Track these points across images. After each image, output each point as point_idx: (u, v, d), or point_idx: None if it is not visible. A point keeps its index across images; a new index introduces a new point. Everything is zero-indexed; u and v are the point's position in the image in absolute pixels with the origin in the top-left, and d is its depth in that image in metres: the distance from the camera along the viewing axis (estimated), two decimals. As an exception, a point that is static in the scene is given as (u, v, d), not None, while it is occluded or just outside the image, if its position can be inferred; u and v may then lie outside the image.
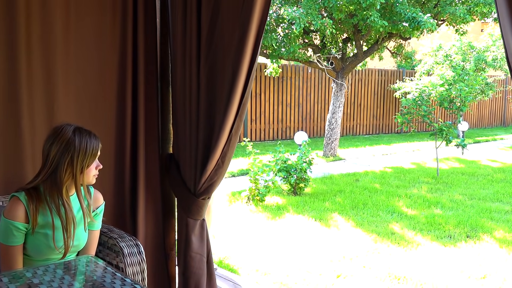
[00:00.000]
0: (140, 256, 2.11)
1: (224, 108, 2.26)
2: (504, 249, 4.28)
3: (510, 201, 6.17)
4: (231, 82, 2.27)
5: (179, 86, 2.50)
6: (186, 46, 2.43)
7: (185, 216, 2.53)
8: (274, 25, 8.73)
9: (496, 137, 14.08)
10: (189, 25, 2.39)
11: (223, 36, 2.30)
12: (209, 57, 2.36)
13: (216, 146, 2.34)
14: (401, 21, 8.04)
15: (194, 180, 2.47)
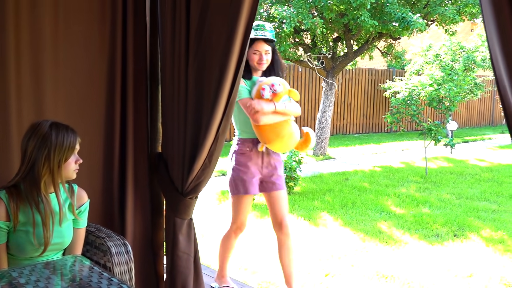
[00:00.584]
0: (127, 256, 2.12)
1: (211, 107, 2.27)
2: (490, 248, 4.33)
3: (497, 200, 6.24)
4: (218, 81, 2.27)
5: (168, 85, 2.50)
6: (175, 44, 2.43)
7: (172, 216, 2.53)
8: (264, 24, 8.73)
9: (485, 137, 14.20)
10: (178, 23, 2.40)
11: (212, 34, 2.31)
12: (198, 56, 2.37)
13: (203, 145, 2.35)
14: (391, 21, 8.09)
15: (181, 179, 2.48)
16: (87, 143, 2.51)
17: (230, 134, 11.76)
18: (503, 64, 1.37)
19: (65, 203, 1.99)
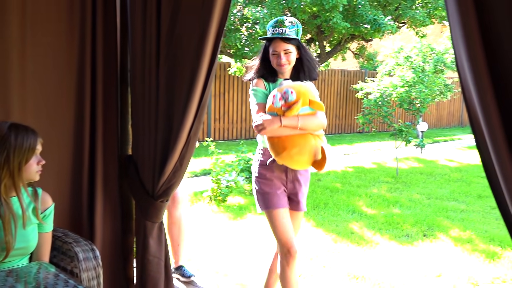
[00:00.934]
0: (96, 261, 2.08)
1: (183, 110, 2.25)
2: (458, 248, 4.41)
3: (465, 200, 6.36)
4: (189, 83, 2.25)
5: (138, 87, 2.47)
6: (146, 46, 2.40)
7: (143, 219, 2.51)
8: (238, 24, 8.73)
9: (454, 137, 14.47)
10: (149, 24, 2.37)
11: (183, 36, 2.29)
12: (169, 57, 2.34)
13: (175, 148, 2.33)
14: (363, 23, 8.17)
15: (152, 182, 2.45)
16: (56, 147, 2.46)
17: (203, 134, 11.72)
18: (468, 68, 1.39)
19: (28, 207, 1.94)
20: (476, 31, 1.37)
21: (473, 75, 1.38)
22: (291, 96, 2.43)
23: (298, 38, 2.62)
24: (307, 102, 2.46)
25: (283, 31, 2.57)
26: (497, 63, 1.34)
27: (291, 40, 2.58)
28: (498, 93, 1.34)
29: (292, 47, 2.59)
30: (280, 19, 2.62)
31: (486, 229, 4.99)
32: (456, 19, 1.42)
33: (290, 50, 2.59)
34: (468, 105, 1.49)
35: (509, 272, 3.74)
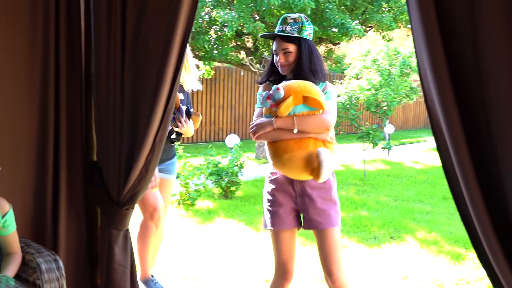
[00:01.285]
0: (59, 272, 2.03)
1: (148, 116, 2.22)
2: (424, 249, 4.48)
3: (431, 202, 6.47)
4: (155, 88, 2.22)
5: (103, 91, 2.42)
6: (111, 50, 2.35)
7: (108, 227, 2.45)
8: (206, 27, 8.69)
9: (420, 139, 14.74)
10: (114, 27, 2.32)
11: (148, 39, 2.25)
12: (134, 62, 2.30)
13: (140, 155, 2.29)
14: (330, 27, 8.24)
15: (117, 189, 2.40)
16: (18, 154, 2.39)
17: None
18: (431, 78, 1.41)
19: None
20: (439, 41, 1.38)
21: (437, 86, 1.39)
22: (277, 93, 2.26)
23: (302, 36, 2.43)
24: (300, 99, 2.24)
25: (283, 29, 2.44)
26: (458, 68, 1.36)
27: (292, 38, 2.42)
28: (459, 96, 1.36)
29: (292, 46, 2.42)
30: (285, 15, 2.48)
31: (451, 231, 5.09)
32: (419, 29, 1.43)
33: (290, 49, 2.43)
34: (431, 116, 1.51)
35: (473, 273, 3.82)
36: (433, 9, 1.37)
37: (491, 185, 1.37)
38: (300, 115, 2.28)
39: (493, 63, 1.28)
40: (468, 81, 1.36)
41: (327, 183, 2.44)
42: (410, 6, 1.50)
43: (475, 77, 1.34)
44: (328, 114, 2.31)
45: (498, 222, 1.37)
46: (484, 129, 1.35)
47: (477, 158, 1.37)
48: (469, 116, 1.37)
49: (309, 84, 2.32)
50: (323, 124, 2.29)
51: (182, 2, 2.12)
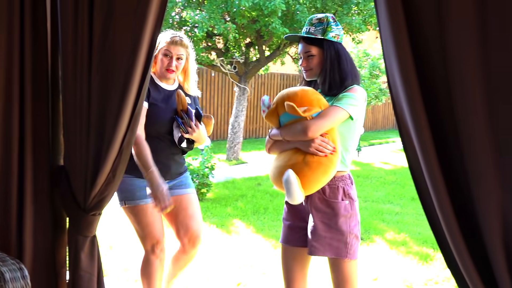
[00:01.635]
0: (24, 281, 1.97)
1: (115, 120, 2.17)
2: (394, 250, 4.53)
3: (400, 203, 6.56)
4: (122, 91, 2.18)
5: (70, 95, 2.36)
6: (78, 52, 2.30)
7: (74, 233, 2.40)
8: (177, 27, 8.62)
9: (389, 140, 14.95)
10: (81, 28, 2.27)
11: (116, 42, 2.21)
12: (101, 64, 2.26)
13: (107, 159, 2.24)
14: (301, 29, 8.27)
15: (84, 194, 2.35)
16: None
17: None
18: (399, 82, 1.42)
19: None
20: (408, 48, 1.39)
21: (406, 93, 1.40)
22: (263, 104, 2.20)
23: (326, 37, 2.23)
24: (283, 107, 2.11)
25: (308, 30, 2.26)
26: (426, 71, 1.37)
27: (314, 40, 2.24)
28: (427, 99, 1.37)
29: (315, 49, 2.24)
30: (311, 16, 2.30)
31: (419, 231, 5.16)
32: (389, 36, 1.44)
33: (313, 52, 2.25)
34: (400, 123, 1.52)
35: (441, 274, 3.88)
36: (402, 14, 1.38)
37: (458, 185, 1.39)
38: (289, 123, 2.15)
39: (460, 66, 1.29)
40: (436, 85, 1.37)
41: (334, 209, 2.20)
42: (379, 10, 1.50)
43: (442, 80, 1.35)
44: (315, 119, 2.09)
45: (464, 223, 1.38)
46: (451, 130, 1.36)
47: (444, 159, 1.38)
48: (437, 118, 1.38)
49: (299, 90, 2.16)
50: (301, 129, 2.08)
51: (150, 3, 2.09)
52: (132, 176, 2.71)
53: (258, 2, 7.60)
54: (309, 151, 2.08)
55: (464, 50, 1.27)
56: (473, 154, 1.31)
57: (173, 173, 2.81)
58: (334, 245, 2.22)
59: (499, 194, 1.28)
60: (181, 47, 2.73)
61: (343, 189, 2.24)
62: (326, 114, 2.11)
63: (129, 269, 3.85)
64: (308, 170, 2.07)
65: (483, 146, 1.28)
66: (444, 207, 1.40)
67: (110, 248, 4.34)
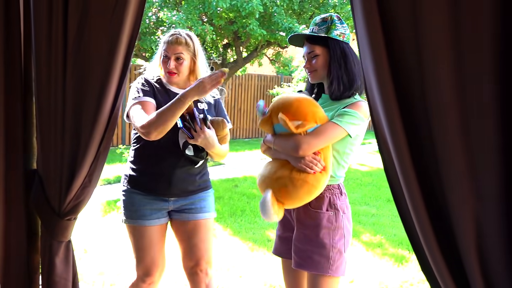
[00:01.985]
0: (-6, 288, 1.91)
1: (91, 125, 2.13)
2: (370, 252, 4.57)
3: (376, 204, 6.62)
4: (99, 94, 2.14)
5: (44, 97, 2.31)
6: (52, 54, 2.25)
7: (48, 238, 2.35)
8: (153, 28, 8.55)
9: (365, 141, 15.06)
10: (55, 28, 2.22)
11: (92, 42, 2.17)
12: (76, 66, 2.21)
13: (83, 163, 2.20)
14: (278, 31, 8.29)
15: (58, 199, 2.30)
16: None
17: (117, 140, 11.37)
18: (377, 94, 1.42)
19: None
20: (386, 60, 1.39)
21: (383, 101, 1.41)
22: (258, 110, 2.09)
23: (331, 35, 2.09)
24: (277, 118, 1.99)
25: (311, 30, 2.13)
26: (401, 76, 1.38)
27: (318, 39, 2.10)
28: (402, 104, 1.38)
29: (318, 48, 2.11)
30: (317, 17, 2.17)
31: (395, 233, 5.21)
32: (364, 35, 1.44)
33: (316, 51, 2.11)
34: (377, 131, 1.53)
35: (416, 275, 3.92)
36: (377, 16, 1.38)
37: (433, 190, 1.40)
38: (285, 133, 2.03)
39: (434, 70, 1.30)
40: (412, 89, 1.38)
41: (316, 219, 2.08)
42: (355, 12, 1.51)
43: (418, 85, 1.35)
44: (309, 136, 1.97)
45: (438, 226, 1.39)
46: (427, 136, 1.37)
47: (419, 164, 1.39)
48: (412, 123, 1.39)
49: (295, 100, 2.02)
50: (292, 145, 1.97)
51: (128, 3, 2.05)
52: (136, 190, 2.52)
53: (236, 3, 7.60)
54: (297, 166, 1.98)
55: (438, 52, 1.28)
56: (447, 160, 1.32)
57: (176, 188, 2.48)
58: (315, 259, 2.06)
59: (472, 200, 1.29)
60: (178, 46, 2.47)
61: (329, 199, 2.10)
62: (321, 131, 1.98)
63: (105, 273, 3.80)
64: (291, 187, 1.96)
65: (456, 151, 1.29)
66: (419, 211, 1.41)
67: (85, 252, 4.27)
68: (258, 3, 7.57)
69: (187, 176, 2.50)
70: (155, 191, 2.49)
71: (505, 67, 1.18)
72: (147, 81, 2.55)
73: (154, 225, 2.51)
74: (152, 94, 2.49)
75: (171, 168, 2.46)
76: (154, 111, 2.38)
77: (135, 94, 2.49)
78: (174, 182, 2.46)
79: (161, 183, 2.46)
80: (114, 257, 4.19)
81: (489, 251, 1.29)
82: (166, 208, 2.53)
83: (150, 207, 2.50)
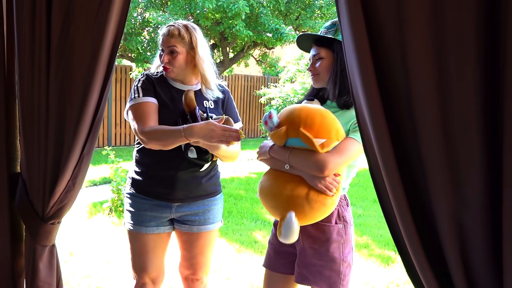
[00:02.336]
0: (-24, 294, 1.89)
1: (74, 128, 2.11)
2: (356, 253, 4.58)
3: (362, 205, 6.65)
4: (82, 96, 2.12)
5: (27, 99, 2.28)
6: (35, 56, 2.22)
7: (32, 242, 2.32)
8: (139, 28, 8.50)
9: (352, 142, 15.14)
10: (38, 29, 2.20)
11: (76, 44, 2.14)
12: (60, 68, 2.19)
13: (66, 166, 2.18)
14: (265, 32, 8.29)
15: (42, 203, 2.28)
16: None
17: (103, 140, 11.29)
18: (363, 98, 1.42)
19: None
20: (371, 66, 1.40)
21: (369, 106, 1.41)
22: (269, 121, 1.89)
23: (337, 38, 1.97)
24: (296, 131, 1.82)
25: (320, 32, 2.03)
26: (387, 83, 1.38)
27: (324, 42, 2.00)
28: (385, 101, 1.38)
29: (324, 50, 2.01)
30: (330, 20, 2.08)
31: (381, 234, 5.24)
32: (352, 52, 1.44)
33: (321, 54, 2.01)
34: (364, 137, 1.53)
35: (402, 276, 3.94)
36: (362, 18, 1.38)
37: (416, 189, 1.40)
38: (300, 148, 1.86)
39: (419, 71, 1.30)
40: (396, 90, 1.38)
41: (326, 233, 1.99)
42: (341, 14, 1.50)
43: (402, 85, 1.36)
44: (333, 155, 1.83)
45: (423, 227, 1.40)
46: (413, 144, 1.37)
47: (403, 163, 1.39)
48: (396, 123, 1.39)
49: (318, 114, 1.85)
50: (316, 164, 1.80)
51: (112, 4, 2.03)
52: (138, 194, 2.43)
53: (222, 4, 7.57)
54: (317, 187, 1.82)
55: (422, 52, 1.28)
56: (431, 161, 1.32)
57: (180, 192, 2.37)
58: (326, 274, 1.98)
59: (456, 201, 1.30)
60: (171, 38, 2.33)
61: (338, 211, 2.02)
62: (344, 150, 1.86)
63: (90, 276, 3.76)
64: (308, 209, 1.83)
65: (440, 153, 1.30)
66: (403, 211, 1.42)
67: (70, 255, 4.23)
68: (245, 4, 7.55)
69: (192, 180, 2.37)
70: (158, 195, 2.38)
71: (490, 68, 1.19)
72: (148, 78, 2.40)
73: (150, 233, 2.42)
74: (153, 92, 2.36)
75: (175, 171, 2.34)
76: (154, 112, 2.30)
77: (135, 94, 2.37)
78: (177, 185, 2.35)
79: (164, 187, 2.36)
80: (99, 260, 4.16)
81: (473, 253, 1.30)
82: (168, 215, 2.42)
83: (151, 213, 2.40)
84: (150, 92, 2.36)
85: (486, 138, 1.22)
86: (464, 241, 1.31)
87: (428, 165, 1.33)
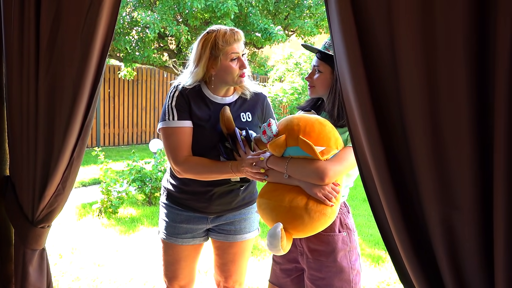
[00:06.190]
0: (-35, 299, 1.87)
1: (64, 131, 2.09)
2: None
3: (352, 204, 6.64)
4: (72, 99, 2.10)
5: (16, 102, 2.26)
6: (24, 58, 2.20)
7: (22, 246, 2.30)
8: (128, 28, 8.46)
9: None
10: (27, 33, 2.17)
11: (64, 47, 2.12)
12: (50, 70, 2.17)
13: (56, 170, 2.16)
14: (254, 31, 8.29)
15: (32, 207, 2.26)
16: None
17: (92, 140, 11.22)
18: (354, 102, 1.43)
19: None
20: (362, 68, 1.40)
21: (359, 110, 1.41)
22: (268, 130, 1.87)
23: None
24: (296, 140, 1.80)
25: (325, 43, 2.00)
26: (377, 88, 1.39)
27: (325, 56, 1.97)
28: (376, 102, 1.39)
29: (323, 65, 1.99)
30: None
31: (371, 233, 5.25)
32: (343, 55, 1.44)
33: (320, 68, 1.99)
34: (354, 139, 1.53)
35: (392, 276, 3.96)
36: (352, 17, 1.39)
37: (406, 189, 1.41)
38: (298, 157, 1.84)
39: (409, 72, 1.30)
40: (386, 91, 1.38)
41: (330, 243, 1.94)
42: (330, 14, 1.51)
43: (393, 87, 1.36)
44: (333, 163, 1.81)
45: (412, 227, 1.40)
46: (403, 147, 1.38)
47: (393, 164, 1.40)
48: (387, 124, 1.39)
49: (317, 123, 1.85)
50: (316, 172, 1.78)
51: (102, 5, 2.01)
52: (174, 205, 2.37)
53: (211, 4, 7.57)
54: (316, 197, 1.79)
55: (411, 53, 1.29)
56: (421, 162, 1.33)
57: (217, 206, 2.30)
58: (336, 285, 1.93)
59: (445, 202, 1.31)
60: (241, 42, 2.33)
61: (340, 219, 1.97)
62: (343, 158, 1.84)
63: (81, 279, 3.74)
64: (308, 219, 1.79)
65: (430, 154, 1.30)
66: (393, 211, 1.42)
67: (60, 257, 4.20)
68: (233, 3, 7.55)
69: (229, 193, 2.30)
70: (194, 208, 2.32)
71: (480, 69, 1.20)
72: (182, 94, 2.24)
73: (185, 245, 2.37)
74: (188, 112, 2.22)
75: (212, 187, 2.25)
76: (189, 138, 2.20)
77: (169, 115, 2.22)
78: (215, 200, 2.28)
79: (201, 202, 2.29)
80: (89, 262, 4.13)
81: (464, 254, 1.31)
82: (204, 227, 2.37)
83: (187, 225, 2.34)
84: (185, 114, 2.21)
85: (477, 140, 1.22)
86: (454, 242, 1.32)
87: (419, 167, 1.34)
